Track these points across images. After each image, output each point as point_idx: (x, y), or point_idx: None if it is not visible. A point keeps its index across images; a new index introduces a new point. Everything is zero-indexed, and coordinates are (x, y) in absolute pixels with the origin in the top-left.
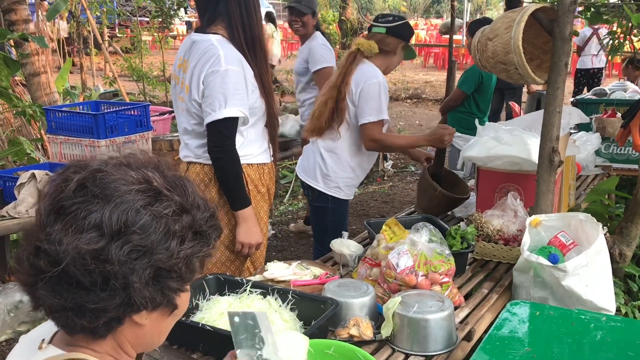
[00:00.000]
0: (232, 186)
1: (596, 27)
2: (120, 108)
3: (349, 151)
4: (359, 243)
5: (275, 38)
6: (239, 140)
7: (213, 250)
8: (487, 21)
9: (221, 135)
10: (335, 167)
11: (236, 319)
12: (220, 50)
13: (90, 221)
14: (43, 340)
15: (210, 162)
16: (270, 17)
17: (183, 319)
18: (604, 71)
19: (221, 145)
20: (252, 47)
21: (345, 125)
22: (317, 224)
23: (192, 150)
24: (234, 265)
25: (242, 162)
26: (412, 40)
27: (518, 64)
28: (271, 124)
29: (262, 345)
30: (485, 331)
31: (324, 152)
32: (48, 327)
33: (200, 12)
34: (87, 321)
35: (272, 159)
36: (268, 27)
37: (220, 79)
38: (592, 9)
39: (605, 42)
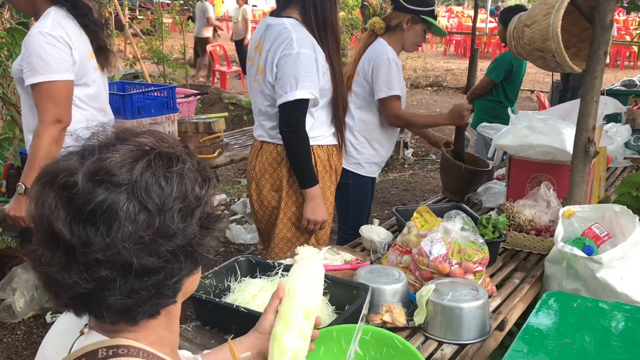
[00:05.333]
0: (300, 165)
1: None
2: (147, 89)
3: (366, 127)
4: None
5: (247, 18)
6: (309, 121)
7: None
8: (519, 9)
9: (292, 116)
10: (354, 142)
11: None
12: (293, 34)
13: (128, 211)
14: (86, 325)
15: (282, 142)
16: None
17: (216, 300)
18: None
19: (292, 126)
20: (323, 30)
21: (357, 101)
22: (340, 201)
23: (266, 130)
24: (299, 242)
25: (312, 143)
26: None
27: (556, 51)
28: (341, 106)
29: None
30: (517, 322)
31: None
32: None
33: None
34: (169, 296)
35: (341, 140)
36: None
37: (292, 61)
38: None
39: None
